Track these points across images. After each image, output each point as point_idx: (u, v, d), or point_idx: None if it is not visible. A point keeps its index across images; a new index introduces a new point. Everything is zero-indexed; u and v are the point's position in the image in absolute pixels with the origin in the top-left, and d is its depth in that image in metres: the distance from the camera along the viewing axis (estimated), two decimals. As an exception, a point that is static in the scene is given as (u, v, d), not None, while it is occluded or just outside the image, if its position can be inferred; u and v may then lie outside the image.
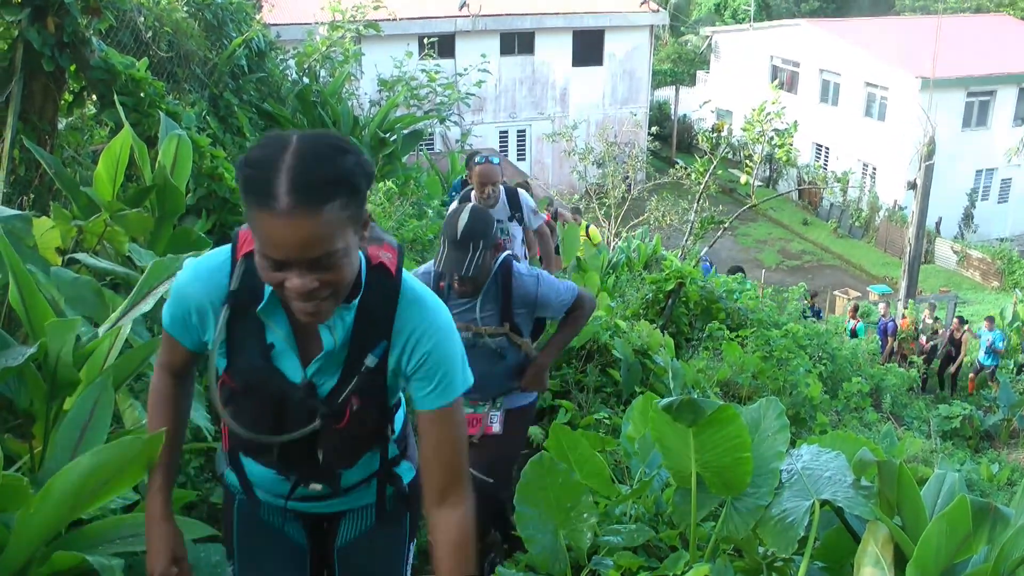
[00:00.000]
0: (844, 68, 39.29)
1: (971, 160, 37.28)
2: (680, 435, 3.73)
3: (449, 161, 16.74)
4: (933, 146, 25.76)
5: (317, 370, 2.56)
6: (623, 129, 34.52)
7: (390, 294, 2.53)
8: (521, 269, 4.83)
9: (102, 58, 6.73)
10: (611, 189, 26.42)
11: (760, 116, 22.63)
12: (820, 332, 13.85)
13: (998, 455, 15.78)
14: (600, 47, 38.90)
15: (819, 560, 3.78)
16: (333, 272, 2.23)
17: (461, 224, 4.48)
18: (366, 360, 2.53)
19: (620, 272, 14.40)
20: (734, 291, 12.70)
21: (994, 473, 12.84)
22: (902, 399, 16.47)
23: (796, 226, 39.66)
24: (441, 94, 18.69)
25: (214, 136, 9.37)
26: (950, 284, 34.17)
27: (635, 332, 8.37)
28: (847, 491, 3.48)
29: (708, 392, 8.42)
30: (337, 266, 2.22)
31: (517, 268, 4.82)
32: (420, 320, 2.55)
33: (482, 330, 4.75)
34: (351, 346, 2.54)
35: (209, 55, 10.72)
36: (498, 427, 4.94)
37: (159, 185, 5.60)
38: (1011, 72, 37.08)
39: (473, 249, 4.46)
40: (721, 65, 47.21)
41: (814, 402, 10.14)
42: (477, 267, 4.48)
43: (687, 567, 3.79)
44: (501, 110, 37.68)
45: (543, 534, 3.99)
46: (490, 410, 4.95)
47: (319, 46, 15.76)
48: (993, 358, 20.63)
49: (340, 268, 2.24)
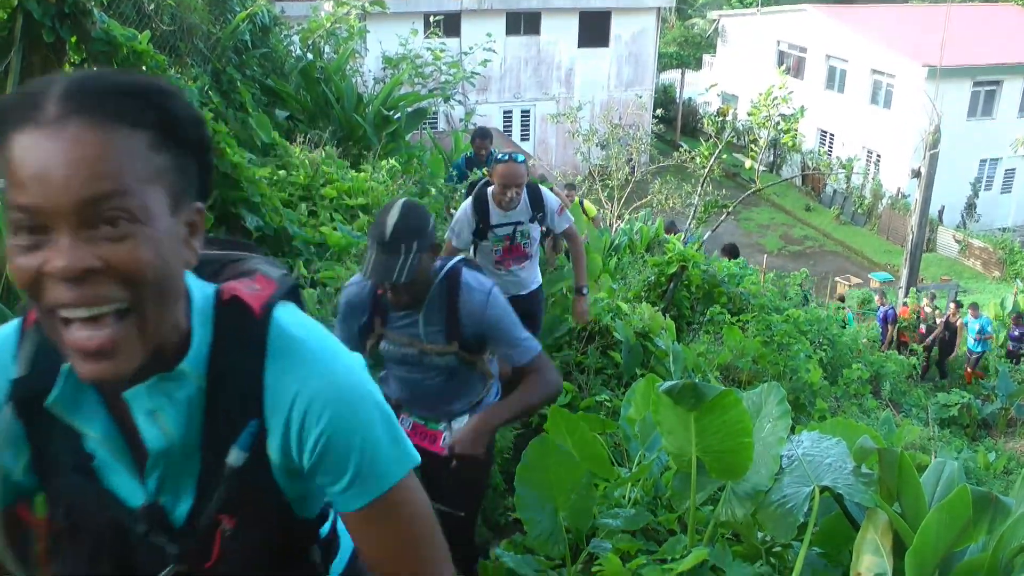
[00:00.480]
0: (851, 55, 39.20)
1: (976, 149, 37.23)
2: (681, 419, 3.73)
3: (452, 140, 16.66)
4: (938, 135, 25.71)
5: (160, 484, 1.67)
6: (628, 111, 34.42)
7: (252, 345, 1.64)
8: (471, 281, 4.06)
9: (103, 30, 6.68)
10: (614, 171, 26.36)
11: (767, 101, 22.53)
12: (821, 318, 13.85)
13: (995, 444, 15.81)
14: (606, 29, 38.75)
15: (818, 546, 3.78)
16: (125, 245, 1.40)
17: (390, 222, 3.76)
18: (229, 457, 1.63)
19: (622, 254, 14.38)
20: (736, 275, 12.69)
21: (991, 461, 12.86)
22: (901, 386, 16.51)
23: (799, 212, 39.62)
24: (446, 73, 18.61)
25: (216, 111, 9.32)
26: (951, 273, 34.15)
27: (636, 314, 8.37)
28: (847, 478, 3.48)
29: (708, 376, 8.42)
30: (131, 236, 1.40)
31: (467, 279, 4.06)
32: (305, 382, 1.64)
33: (426, 347, 4.10)
34: (203, 437, 1.65)
35: (212, 29, 10.67)
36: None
37: (162, 159, 5.57)
38: (1018, 63, 36.97)
39: (406, 252, 3.75)
40: (727, 49, 47.12)
41: (814, 388, 10.15)
42: (411, 272, 3.76)
43: (685, 551, 3.79)
44: (506, 90, 37.57)
45: (542, 516, 3.99)
46: (446, 429, 4.30)
47: (323, 22, 15.69)
48: (983, 344, 20.70)
49: (136, 241, 1.41)
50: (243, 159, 7.12)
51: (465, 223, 6.45)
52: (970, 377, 20.62)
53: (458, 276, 4.07)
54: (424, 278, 3.93)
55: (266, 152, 9.72)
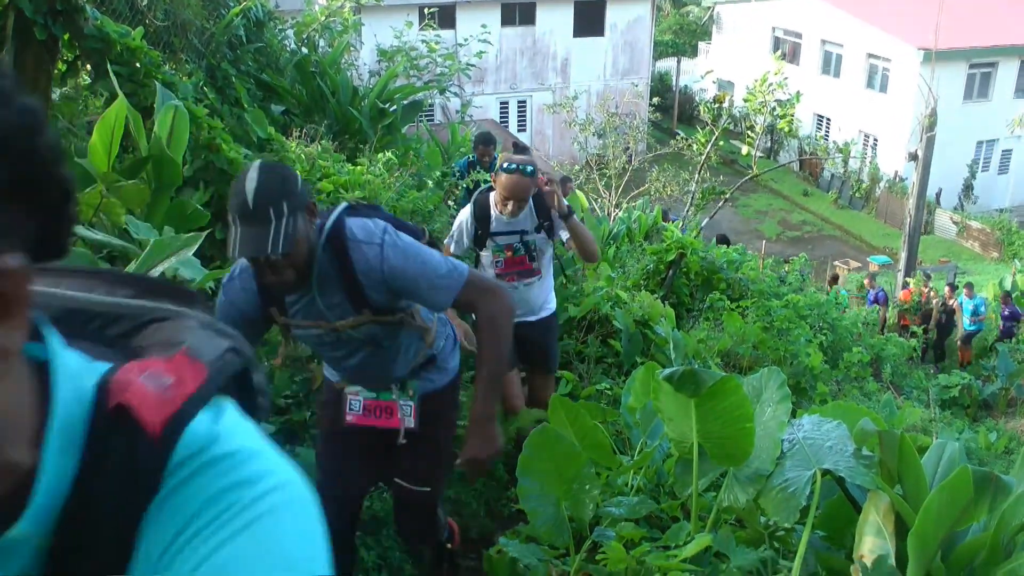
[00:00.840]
0: (846, 39, 39.18)
1: (972, 131, 37.23)
2: (682, 406, 3.73)
3: (449, 132, 16.67)
4: (934, 118, 25.70)
5: None
6: (624, 100, 34.37)
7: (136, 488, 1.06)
8: (358, 233, 3.46)
9: (96, 26, 6.67)
10: (612, 160, 26.33)
11: (763, 87, 22.54)
12: (820, 302, 13.86)
13: (996, 424, 15.84)
14: (602, 18, 38.75)
15: (820, 529, 3.79)
16: None
17: (250, 187, 3.11)
18: None
19: (621, 243, 14.40)
20: (735, 262, 12.70)
21: (992, 442, 12.89)
22: (902, 369, 16.54)
23: (796, 197, 39.60)
24: (441, 65, 18.62)
25: (211, 107, 9.32)
26: (950, 255, 34.17)
27: (636, 303, 8.37)
28: (848, 461, 3.49)
29: (709, 362, 8.43)
30: None
31: (352, 232, 3.46)
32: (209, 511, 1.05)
33: (337, 325, 3.59)
34: None
35: (206, 24, 10.68)
36: (411, 421, 3.96)
37: (155, 156, 5.59)
38: (1013, 44, 36.99)
39: (276, 216, 3.11)
40: (723, 36, 47.04)
41: (815, 372, 10.16)
42: (288, 241, 3.13)
43: (689, 538, 3.80)
44: (502, 81, 37.57)
45: (545, 506, 4.00)
46: (400, 398, 3.95)
47: (318, 16, 15.71)
48: (978, 324, 20.77)
49: None
50: (239, 155, 7.11)
51: (464, 229, 5.74)
52: (964, 357, 20.67)
53: (342, 233, 3.44)
54: (305, 247, 3.31)
55: (262, 147, 9.72)
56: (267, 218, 3.09)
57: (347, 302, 3.53)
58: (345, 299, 3.52)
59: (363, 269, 3.44)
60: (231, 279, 3.59)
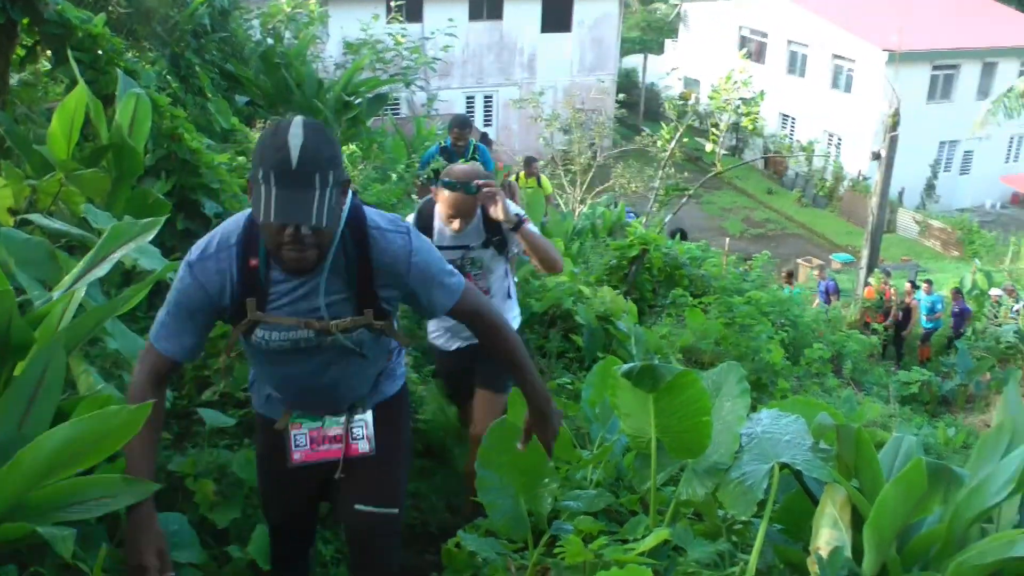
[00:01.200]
0: (812, 40, 39.45)
1: (935, 132, 37.60)
2: (640, 400, 3.74)
3: (414, 125, 16.62)
4: (898, 118, 25.86)
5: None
6: (590, 96, 34.45)
7: None
8: (379, 219, 3.09)
9: (57, 11, 6.57)
10: (577, 156, 26.37)
11: (727, 85, 22.63)
12: (783, 299, 13.92)
13: (955, 420, 15.96)
14: (569, 13, 38.75)
15: (778, 522, 3.81)
16: None
17: (294, 144, 2.67)
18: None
19: (584, 238, 14.41)
20: (698, 258, 12.73)
21: (950, 437, 12.98)
22: (862, 365, 16.64)
23: (761, 195, 39.79)
24: (407, 58, 18.55)
25: (175, 96, 9.25)
26: (911, 253, 34.43)
27: (598, 298, 8.38)
28: (806, 454, 3.51)
29: (671, 358, 8.45)
30: None
31: (373, 217, 3.08)
32: None
33: (331, 326, 3.07)
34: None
35: (170, 13, 10.59)
36: (366, 444, 3.45)
37: (116, 145, 5.52)
38: (975, 47, 37.45)
39: (321, 184, 2.69)
40: (689, 34, 47.17)
41: (776, 368, 10.20)
42: (331, 213, 2.74)
43: (647, 531, 3.81)
44: (468, 75, 37.50)
45: (504, 500, 3.99)
46: (351, 420, 3.43)
47: (284, 7, 15.63)
48: (934, 322, 20.97)
49: None
50: (202, 145, 7.05)
51: None
52: (923, 354, 20.84)
53: (362, 218, 3.04)
54: (336, 227, 2.94)
55: (225, 138, 9.67)
56: (311, 183, 2.67)
57: (351, 299, 3.07)
58: (351, 295, 3.06)
59: (385, 260, 3.03)
60: (204, 257, 3.00)
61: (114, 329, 3.99)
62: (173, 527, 3.42)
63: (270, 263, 3.00)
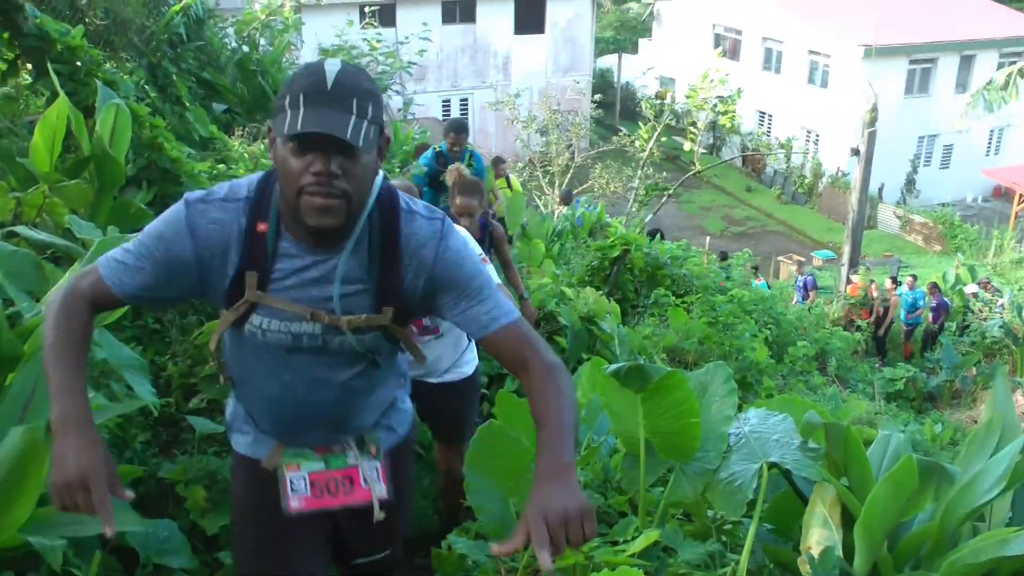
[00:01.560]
0: (786, 36, 39.50)
1: (913, 127, 37.67)
2: (628, 401, 3.73)
3: (391, 130, 16.62)
4: (876, 113, 25.94)
5: None
6: (566, 97, 34.52)
7: None
8: (411, 203, 2.57)
9: (36, 25, 6.61)
10: (555, 157, 26.42)
11: (704, 83, 22.71)
12: (765, 297, 13.95)
13: (941, 416, 16.01)
14: (542, 15, 38.84)
15: (768, 522, 3.81)
16: None
17: (331, 70, 2.28)
18: None
19: (565, 239, 14.42)
20: (679, 257, 12.75)
21: (937, 433, 13.03)
22: (847, 362, 16.70)
23: (740, 193, 39.87)
24: (383, 63, 18.57)
25: (153, 105, 9.24)
26: (893, 249, 34.51)
27: (581, 299, 8.37)
28: (795, 453, 3.50)
29: (655, 358, 8.46)
30: None
31: (407, 200, 2.57)
32: None
33: (341, 321, 2.51)
34: None
35: (146, 23, 10.60)
36: (382, 488, 2.89)
37: (98, 155, 5.54)
38: (952, 40, 37.49)
39: (359, 111, 2.26)
40: (663, 33, 47.23)
41: (760, 366, 10.22)
42: (369, 143, 2.28)
43: (637, 532, 3.79)
44: (443, 79, 37.55)
45: (493, 502, 3.98)
46: (360, 459, 2.86)
47: (258, 14, 15.62)
48: (915, 318, 21.06)
49: None
50: (182, 154, 7.06)
51: None
52: (906, 350, 20.90)
53: (395, 198, 2.55)
54: (368, 186, 2.42)
55: (205, 146, 9.66)
56: (348, 106, 2.24)
57: (370, 292, 2.53)
58: (370, 287, 2.53)
59: (413, 247, 2.51)
60: (207, 199, 2.49)
61: (101, 339, 3.98)
62: (164, 533, 3.41)
63: (281, 230, 2.47)
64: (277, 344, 2.57)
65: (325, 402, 2.72)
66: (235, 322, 2.54)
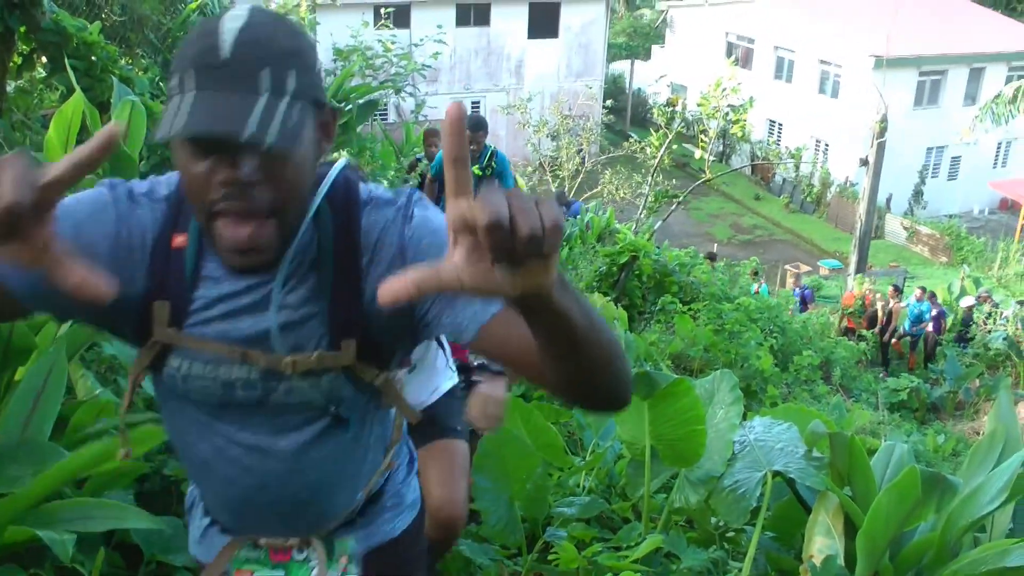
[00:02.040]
0: (798, 45, 39.40)
1: (922, 138, 37.55)
2: (634, 407, 3.75)
3: (404, 132, 16.64)
4: (885, 124, 25.93)
5: None
6: (578, 102, 34.49)
7: None
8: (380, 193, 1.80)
9: (53, 20, 6.63)
10: (565, 162, 26.42)
11: (716, 91, 22.67)
12: (771, 306, 13.96)
13: (944, 427, 15.98)
14: (556, 19, 38.78)
15: (771, 530, 3.83)
16: None
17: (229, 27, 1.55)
18: None
19: (573, 244, 14.43)
20: (686, 265, 12.76)
21: (940, 444, 13.01)
22: (851, 372, 16.68)
23: (748, 201, 39.78)
24: (396, 64, 18.55)
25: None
26: (900, 259, 34.43)
27: (589, 304, 8.37)
28: (799, 462, 3.52)
29: (660, 365, 8.47)
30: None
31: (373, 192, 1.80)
32: None
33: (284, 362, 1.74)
34: None
35: (163, 20, 10.62)
36: None
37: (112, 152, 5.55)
38: (962, 53, 37.41)
39: (273, 87, 1.53)
40: (676, 40, 47.15)
41: (765, 375, 10.23)
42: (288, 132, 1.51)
43: (640, 538, 3.82)
44: (456, 81, 37.50)
45: (498, 505, 4.00)
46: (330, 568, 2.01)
47: (273, 14, 15.64)
48: (919, 330, 21.01)
49: None
50: (194, 152, 7.08)
51: None
52: (913, 362, 20.86)
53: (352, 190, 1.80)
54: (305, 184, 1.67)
55: (217, 144, 9.67)
56: (255, 83, 1.52)
57: (322, 319, 1.75)
58: (322, 311, 1.75)
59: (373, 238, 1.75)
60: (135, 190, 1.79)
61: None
62: (168, 531, 3.42)
63: (203, 249, 1.74)
64: (202, 396, 1.82)
65: (273, 479, 1.91)
66: (150, 365, 1.81)
